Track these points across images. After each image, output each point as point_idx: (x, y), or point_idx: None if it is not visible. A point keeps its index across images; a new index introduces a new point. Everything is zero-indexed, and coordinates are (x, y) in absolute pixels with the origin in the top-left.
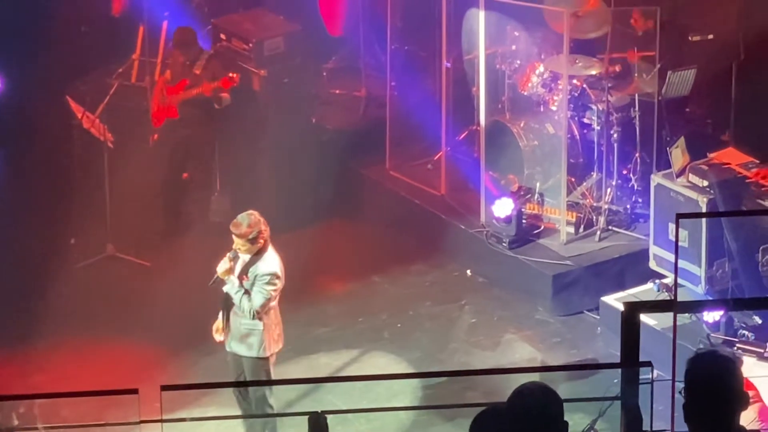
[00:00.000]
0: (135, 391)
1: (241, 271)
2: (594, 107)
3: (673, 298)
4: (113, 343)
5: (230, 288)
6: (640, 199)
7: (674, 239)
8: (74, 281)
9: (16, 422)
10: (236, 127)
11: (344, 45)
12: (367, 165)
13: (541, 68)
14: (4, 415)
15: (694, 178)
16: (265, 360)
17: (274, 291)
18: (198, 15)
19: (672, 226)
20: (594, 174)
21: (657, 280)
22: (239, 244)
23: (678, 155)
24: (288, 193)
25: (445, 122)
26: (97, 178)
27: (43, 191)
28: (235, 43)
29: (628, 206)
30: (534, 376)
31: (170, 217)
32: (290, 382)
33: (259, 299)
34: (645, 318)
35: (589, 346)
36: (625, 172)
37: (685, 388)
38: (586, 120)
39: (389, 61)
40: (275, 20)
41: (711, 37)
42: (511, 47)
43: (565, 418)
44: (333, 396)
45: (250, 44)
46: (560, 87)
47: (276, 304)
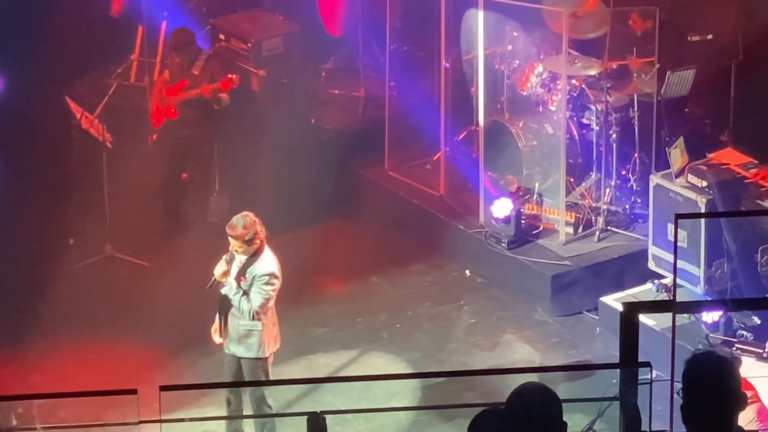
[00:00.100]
0: (134, 392)
1: (238, 272)
2: (593, 107)
3: (672, 298)
4: (112, 344)
5: (228, 290)
6: (639, 200)
7: (673, 240)
8: (73, 281)
9: (14, 422)
10: (235, 127)
11: (343, 45)
12: (365, 165)
13: (540, 68)
14: (2, 416)
15: (693, 179)
16: (264, 360)
17: (273, 291)
18: (197, 15)
19: (671, 227)
20: (593, 174)
21: (656, 281)
22: (236, 246)
23: (677, 155)
24: (287, 194)
25: (444, 122)
26: (96, 178)
27: (42, 191)
28: (233, 43)
29: (627, 206)
30: (533, 377)
31: (169, 217)
32: (289, 382)
33: (258, 300)
34: (644, 318)
35: (588, 346)
36: (624, 172)
37: (682, 388)
38: (585, 120)
39: (388, 62)
40: (274, 20)
41: (710, 37)
42: (509, 47)
43: (564, 419)
44: (332, 396)
45: (249, 44)
46: (559, 87)
47: (273, 303)
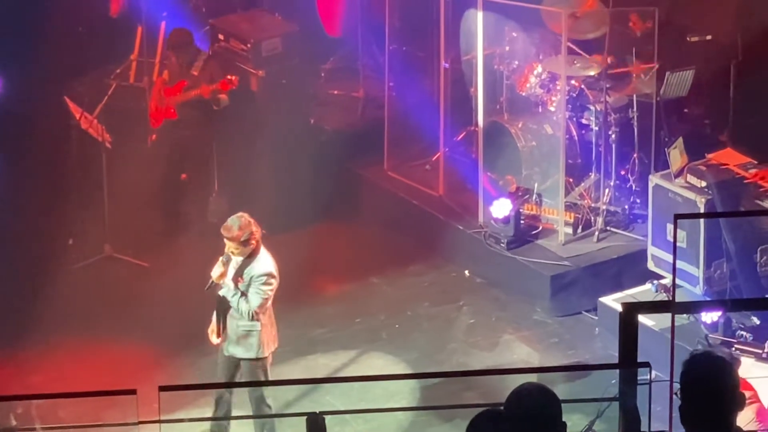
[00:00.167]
0: (133, 392)
1: (235, 273)
2: (592, 108)
3: (671, 298)
4: (111, 344)
5: (226, 292)
6: (638, 200)
7: (672, 240)
8: (72, 282)
9: (14, 423)
10: (234, 127)
11: (342, 46)
12: (365, 166)
13: (540, 69)
14: (2, 416)
15: (692, 179)
16: (264, 360)
17: (271, 291)
18: (196, 16)
19: (670, 227)
20: (592, 175)
21: (655, 281)
22: (231, 248)
23: (676, 156)
24: (286, 194)
25: (444, 123)
26: (95, 178)
27: (41, 192)
28: (233, 43)
29: (626, 207)
30: (532, 377)
31: (168, 217)
32: (288, 382)
33: (256, 300)
34: (643, 319)
35: (588, 346)
36: (623, 172)
37: (680, 389)
38: (584, 120)
39: (387, 62)
40: (273, 21)
41: (709, 37)
42: (509, 48)
43: (564, 419)
44: (331, 396)
45: (248, 45)
46: (558, 88)
47: (270, 303)
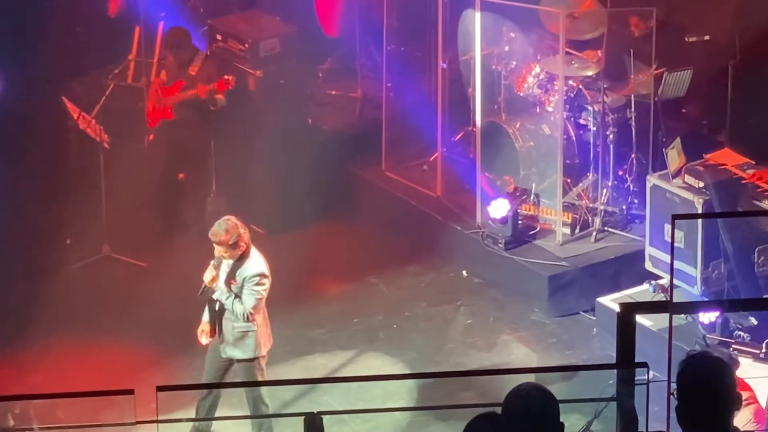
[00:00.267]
0: (131, 392)
1: (228, 275)
2: (590, 108)
3: (668, 299)
4: (109, 344)
5: (220, 295)
6: (635, 200)
7: (670, 240)
8: (70, 282)
9: (12, 423)
10: (232, 127)
11: (340, 46)
12: (363, 166)
13: (537, 69)
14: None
15: (690, 179)
16: (261, 359)
17: (264, 291)
18: (194, 16)
19: (668, 227)
20: (590, 175)
21: (653, 281)
22: (221, 251)
23: (674, 156)
24: (284, 194)
25: (441, 123)
26: (93, 178)
27: (39, 192)
28: (231, 43)
29: (624, 207)
30: (530, 377)
31: (166, 218)
32: (286, 383)
33: (251, 301)
34: (641, 319)
35: (585, 347)
36: (621, 173)
37: (677, 389)
38: (582, 121)
39: (385, 62)
40: (271, 21)
41: (707, 38)
42: (507, 48)
43: (561, 419)
44: (329, 397)
45: (246, 45)
46: (556, 88)
47: (264, 303)
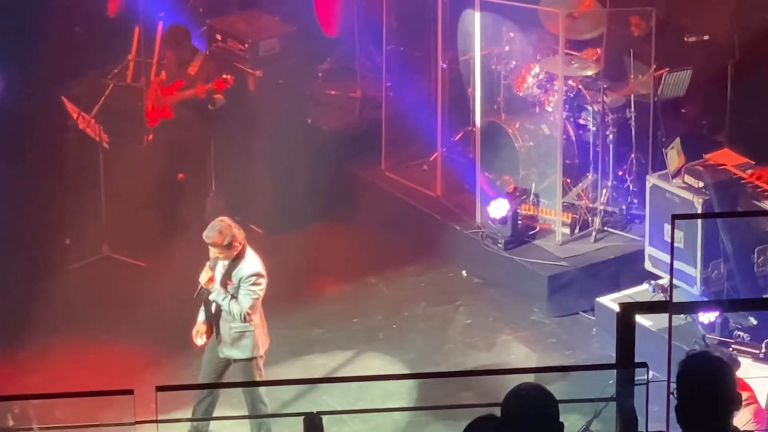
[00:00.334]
0: (130, 392)
1: (224, 276)
2: (589, 108)
3: (668, 299)
4: (109, 344)
5: (216, 296)
6: (635, 200)
7: (670, 240)
8: (70, 282)
9: (11, 423)
10: (232, 127)
11: (340, 46)
12: (362, 166)
13: (537, 69)
14: None
15: (689, 179)
16: (258, 359)
17: (261, 290)
18: (193, 16)
19: (667, 227)
20: (589, 175)
21: (652, 281)
22: (216, 252)
23: (673, 156)
24: (283, 194)
25: (441, 123)
26: (92, 178)
27: (38, 192)
28: (230, 43)
29: (624, 207)
30: (529, 377)
31: (166, 217)
32: (286, 383)
33: (247, 301)
34: (640, 319)
35: (585, 347)
36: (620, 173)
37: (676, 389)
38: (581, 121)
39: (385, 62)
40: (271, 21)
41: (706, 38)
42: (506, 48)
43: (561, 419)
44: (328, 397)
45: (246, 45)
46: (556, 88)
47: (260, 303)
